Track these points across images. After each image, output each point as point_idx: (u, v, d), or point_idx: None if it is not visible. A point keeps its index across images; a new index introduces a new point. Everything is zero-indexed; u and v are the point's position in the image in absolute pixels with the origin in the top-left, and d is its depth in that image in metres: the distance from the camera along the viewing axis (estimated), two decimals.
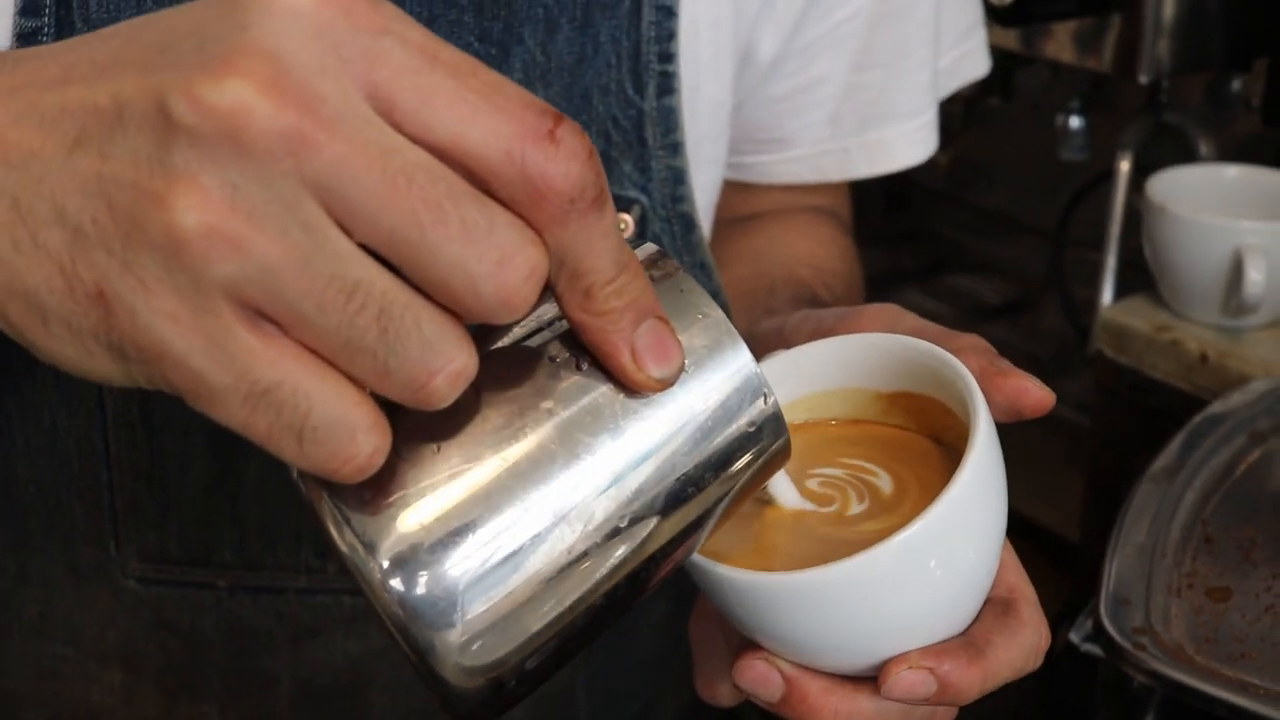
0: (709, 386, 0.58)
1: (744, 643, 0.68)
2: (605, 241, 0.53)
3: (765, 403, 0.59)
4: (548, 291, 0.53)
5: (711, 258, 0.99)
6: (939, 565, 0.63)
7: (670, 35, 0.92)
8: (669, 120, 0.93)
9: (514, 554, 0.54)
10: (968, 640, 0.66)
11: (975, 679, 0.65)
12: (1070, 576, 1.82)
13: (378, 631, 0.97)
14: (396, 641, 0.54)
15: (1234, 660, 0.99)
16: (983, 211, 2.73)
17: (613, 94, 0.91)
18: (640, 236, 0.94)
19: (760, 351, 0.73)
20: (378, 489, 0.53)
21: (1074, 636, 1.10)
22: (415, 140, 0.49)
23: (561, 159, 0.50)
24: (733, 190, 1.10)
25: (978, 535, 0.65)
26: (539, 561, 0.55)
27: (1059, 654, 1.11)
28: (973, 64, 1.19)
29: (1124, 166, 1.93)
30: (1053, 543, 2.03)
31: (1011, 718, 1.32)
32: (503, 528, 0.54)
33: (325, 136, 0.47)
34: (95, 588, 0.96)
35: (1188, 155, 1.95)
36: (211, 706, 1.00)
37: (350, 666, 0.99)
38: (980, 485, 0.64)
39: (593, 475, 0.56)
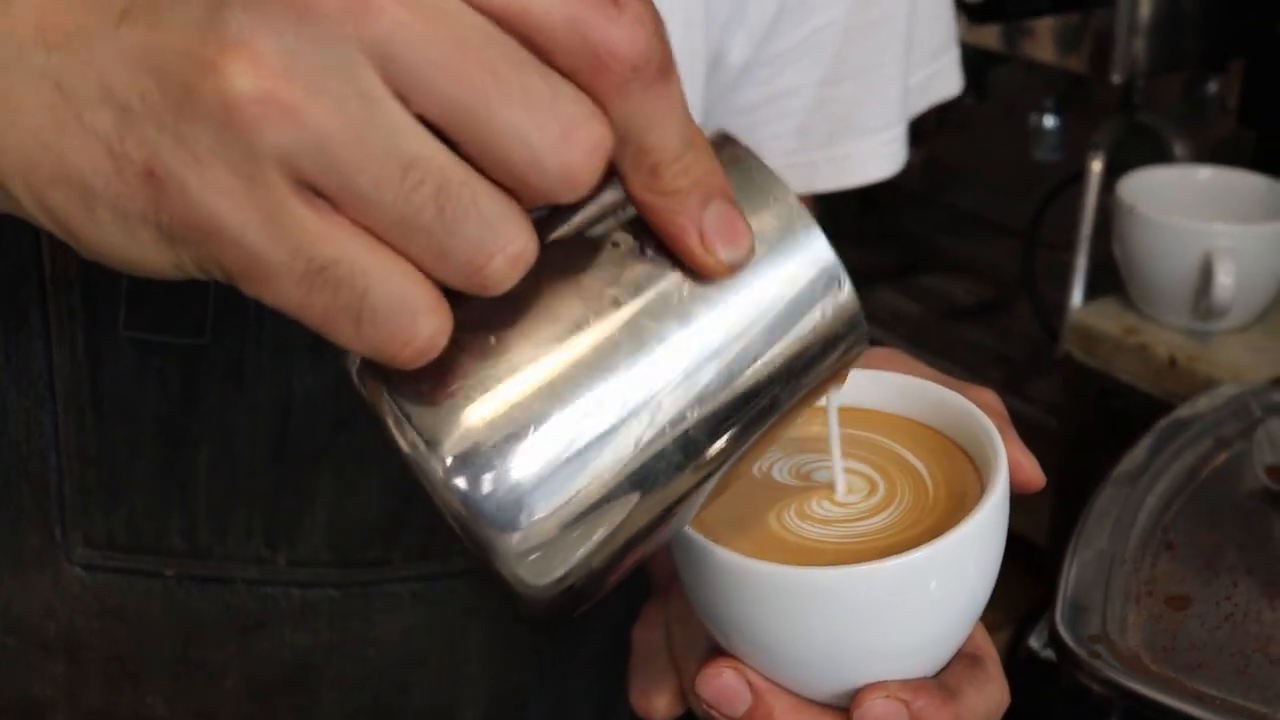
0: (782, 271, 0.55)
1: (709, 652, 0.67)
2: (672, 116, 0.51)
3: (841, 288, 0.57)
4: (610, 176, 0.51)
5: None
6: (940, 587, 0.62)
7: None
8: None
9: (581, 450, 0.52)
10: (941, 683, 0.65)
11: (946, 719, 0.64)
12: (1036, 580, 1.81)
13: (325, 628, 0.96)
14: (460, 539, 0.53)
15: (1191, 670, 0.98)
16: (957, 211, 2.72)
17: None
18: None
19: None
20: (438, 382, 0.52)
21: (1033, 643, 1.09)
22: (474, 6, 0.48)
23: (626, 24, 0.48)
24: None
25: (982, 568, 0.64)
26: (606, 457, 0.53)
27: (1022, 660, 1.10)
28: (944, 83, 1.18)
29: (1095, 167, 1.93)
30: (1020, 546, 2.01)
31: None
32: (568, 422, 0.52)
33: (385, 0, 0.46)
34: (38, 574, 0.94)
35: (1164, 157, 1.94)
36: (157, 698, 0.98)
37: (299, 660, 0.97)
38: (995, 522, 0.63)
39: (662, 365, 0.53)
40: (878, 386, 0.72)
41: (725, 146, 0.57)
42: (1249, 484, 1.23)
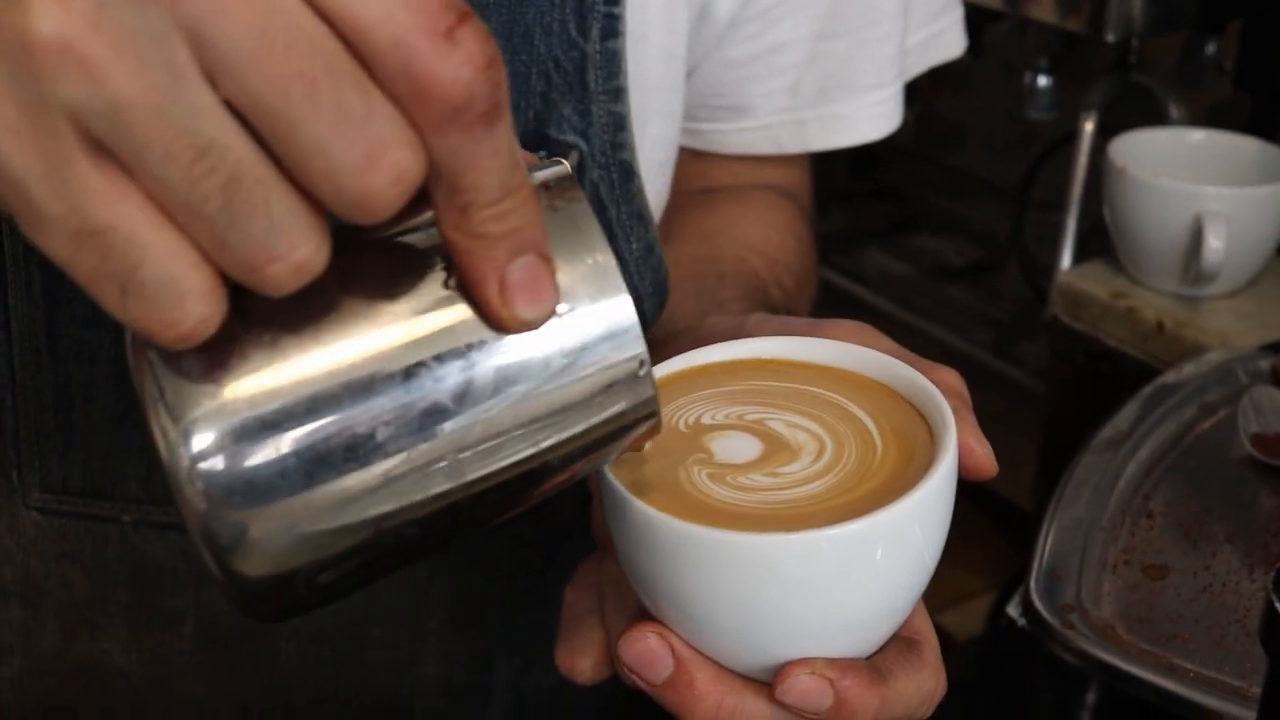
0: (579, 337, 0.54)
1: (635, 617, 0.65)
2: (492, 160, 0.49)
3: (640, 370, 0.55)
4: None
5: (649, 209, 0.96)
6: (880, 561, 0.60)
7: None
8: (612, 64, 0.90)
9: (325, 461, 0.51)
10: (872, 664, 0.63)
11: (872, 703, 0.62)
12: (1020, 546, 1.81)
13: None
14: (184, 521, 0.51)
15: (1165, 641, 0.97)
16: (950, 170, 2.71)
17: (555, 34, 0.88)
18: (578, 183, 0.91)
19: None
20: (204, 365, 0.51)
21: (1011, 611, 1.07)
22: (309, 3, 0.46)
23: (454, 62, 0.46)
24: (689, 160, 1.08)
25: (924, 546, 0.62)
26: (350, 475, 0.52)
27: (1003, 628, 1.09)
28: (946, 44, 1.16)
29: (1088, 127, 1.90)
30: (1005, 511, 2.01)
31: (956, 690, 1.30)
32: (319, 432, 0.51)
33: None
34: None
35: (1162, 120, 1.92)
36: (113, 644, 0.97)
37: None
38: (942, 495, 0.61)
39: (427, 401, 0.52)
40: (834, 353, 0.70)
41: (564, 190, 0.55)
42: (1233, 452, 1.22)
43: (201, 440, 0.50)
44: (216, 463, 0.50)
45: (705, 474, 0.63)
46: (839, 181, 2.70)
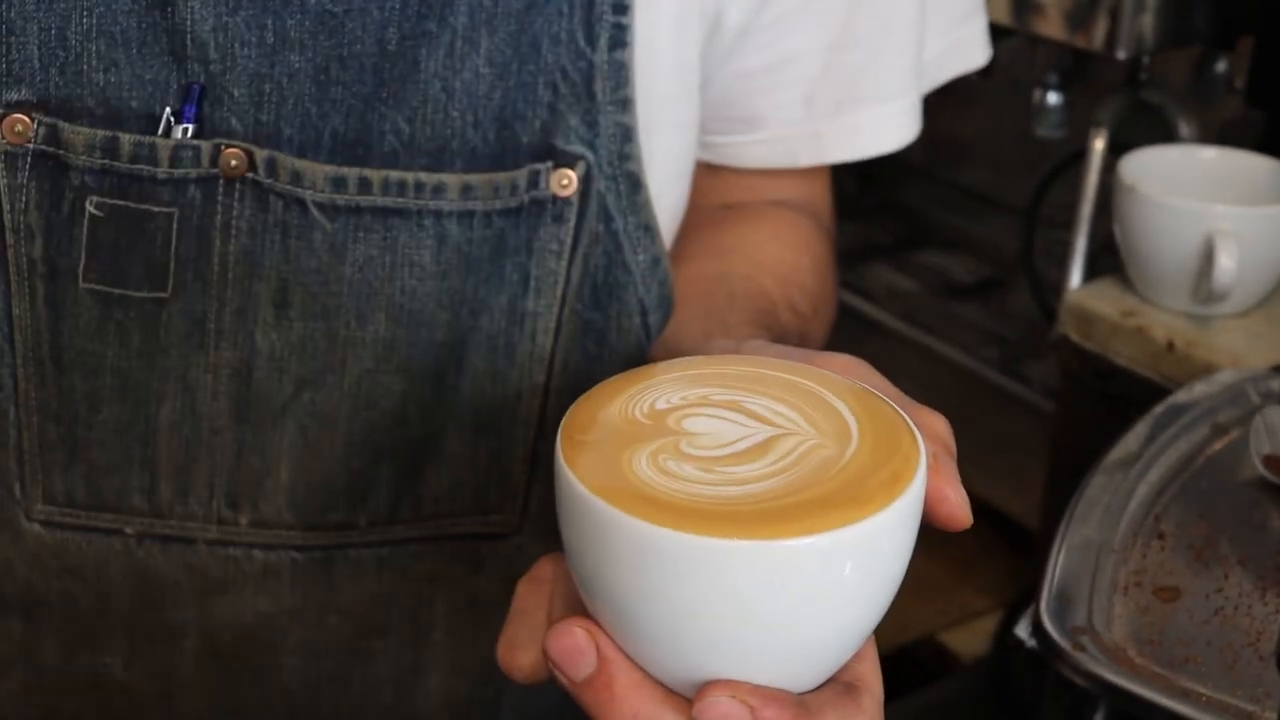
0: None
1: (569, 611, 0.64)
2: None
3: None
4: None
5: (656, 221, 0.95)
6: (858, 574, 0.58)
7: None
8: (619, 75, 0.90)
9: None
10: (801, 700, 0.61)
11: None
12: (1029, 565, 1.80)
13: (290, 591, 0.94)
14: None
15: (1178, 665, 0.96)
16: (958, 187, 2.70)
17: (563, 44, 0.88)
18: (584, 194, 0.90)
19: None
20: None
21: (1020, 632, 1.06)
22: None
23: None
24: (705, 174, 1.06)
25: (883, 574, 0.60)
26: None
27: (1011, 649, 1.08)
28: (968, 53, 1.14)
29: (1098, 144, 1.90)
30: (1013, 530, 2.00)
31: (962, 711, 1.30)
32: None
33: None
34: None
35: (1172, 137, 1.92)
36: (115, 659, 0.97)
37: (261, 624, 0.96)
38: (909, 521, 0.59)
39: None
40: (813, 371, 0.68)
41: None
42: (1245, 473, 1.20)
43: None
44: None
45: (659, 458, 0.61)
46: (846, 197, 2.67)
